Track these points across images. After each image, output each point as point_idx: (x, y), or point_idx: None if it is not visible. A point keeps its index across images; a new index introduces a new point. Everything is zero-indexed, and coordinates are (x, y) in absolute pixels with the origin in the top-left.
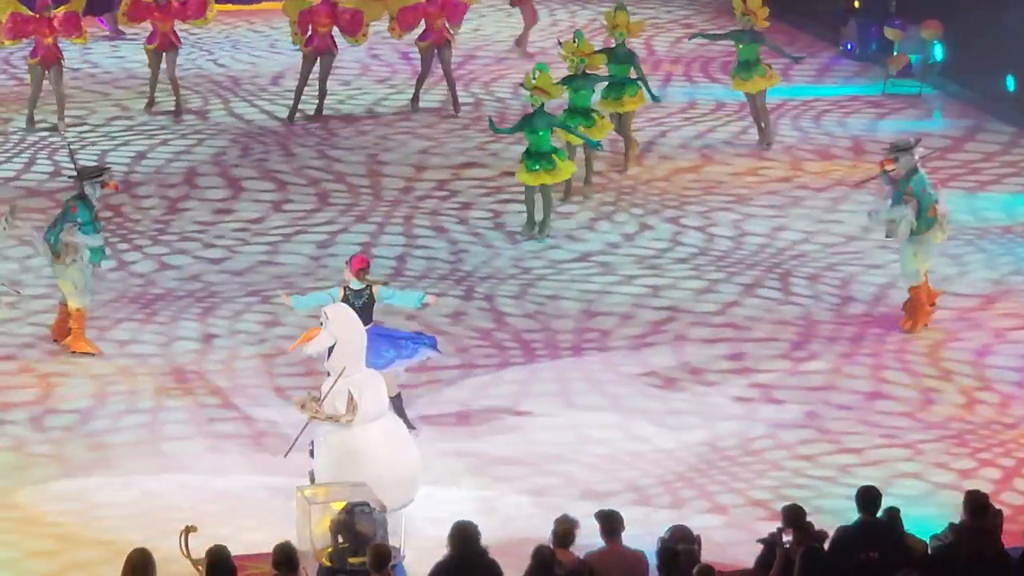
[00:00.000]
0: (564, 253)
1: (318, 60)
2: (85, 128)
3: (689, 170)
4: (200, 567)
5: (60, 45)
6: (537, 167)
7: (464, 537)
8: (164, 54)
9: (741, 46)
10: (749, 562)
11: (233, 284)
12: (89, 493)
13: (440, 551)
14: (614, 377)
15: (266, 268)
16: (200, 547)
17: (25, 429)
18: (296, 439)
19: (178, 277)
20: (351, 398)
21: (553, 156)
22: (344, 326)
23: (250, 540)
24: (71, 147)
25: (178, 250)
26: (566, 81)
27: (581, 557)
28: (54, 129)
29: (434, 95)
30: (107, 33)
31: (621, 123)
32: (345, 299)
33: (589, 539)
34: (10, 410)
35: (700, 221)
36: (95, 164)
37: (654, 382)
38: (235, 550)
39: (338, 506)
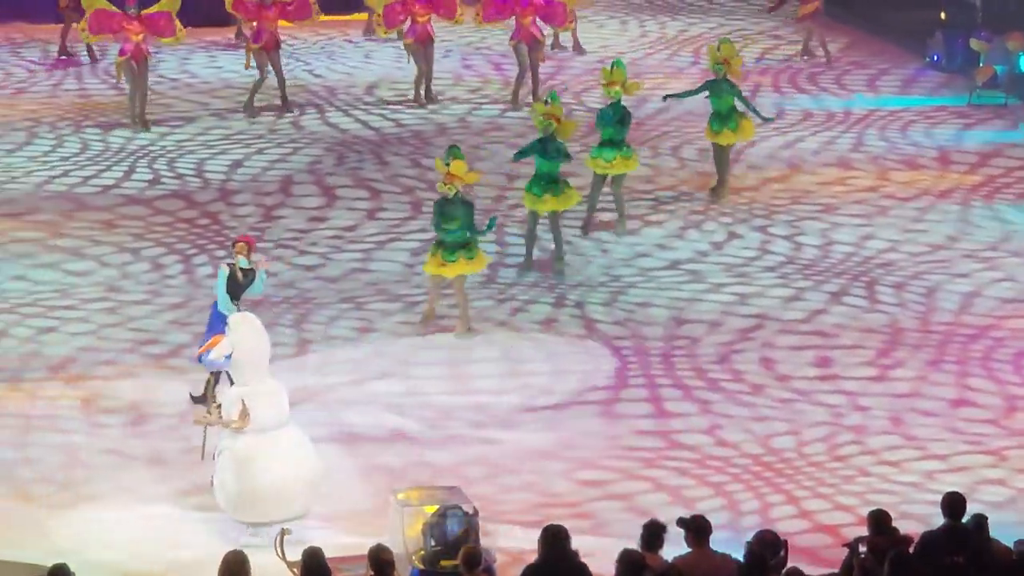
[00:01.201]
0: (654, 261)
1: (423, 50)
2: (183, 137)
3: (777, 180)
4: (295, 569)
5: (149, 45)
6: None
7: (555, 540)
8: (269, 53)
9: (714, 97)
10: (835, 567)
11: (327, 291)
12: (184, 496)
13: (530, 555)
14: (703, 383)
15: (360, 275)
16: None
17: (123, 432)
18: (203, 445)
19: (273, 284)
20: (244, 406)
21: (561, 182)
22: (243, 336)
23: (345, 543)
24: None
25: (273, 257)
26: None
27: (669, 561)
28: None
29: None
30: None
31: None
32: (232, 276)
33: (677, 544)
34: (110, 414)
35: (788, 230)
36: None
37: (742, 388)
38: (329, 553)
39: (430, 510)
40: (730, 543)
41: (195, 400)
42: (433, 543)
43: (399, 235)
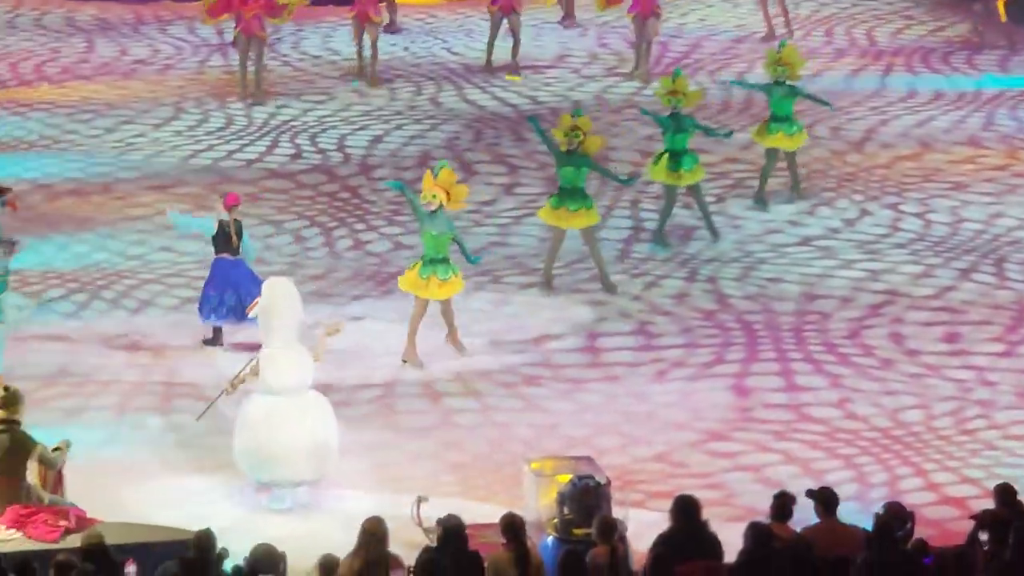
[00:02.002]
0: (786, 237)
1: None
2: (325, 112)
3: (908, 158)
4: (431, 535)
5: (264, 23)
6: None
7: (687, 510)
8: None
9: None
10: (961, 539)
11: (465, 264)
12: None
13: (662, 524)
14: (834, 358)
15: (497, 249)
16: (431, 516)
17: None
18: (208, 408)
19: (412, 257)
20: (256, 363)
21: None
22: (268, 299)
23: (479, 511)
24: None
25: (412, 231)
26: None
27: (798, 532)
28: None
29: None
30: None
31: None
32: (220, 229)
33: (806, 515)
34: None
35: (918, 207)
36: None
37: (872, 363)
38: (465, 520)
39: (563, 479)
40: (858, 515)
41: (205, 343)
42: (566, 512)
43: (535, 210)
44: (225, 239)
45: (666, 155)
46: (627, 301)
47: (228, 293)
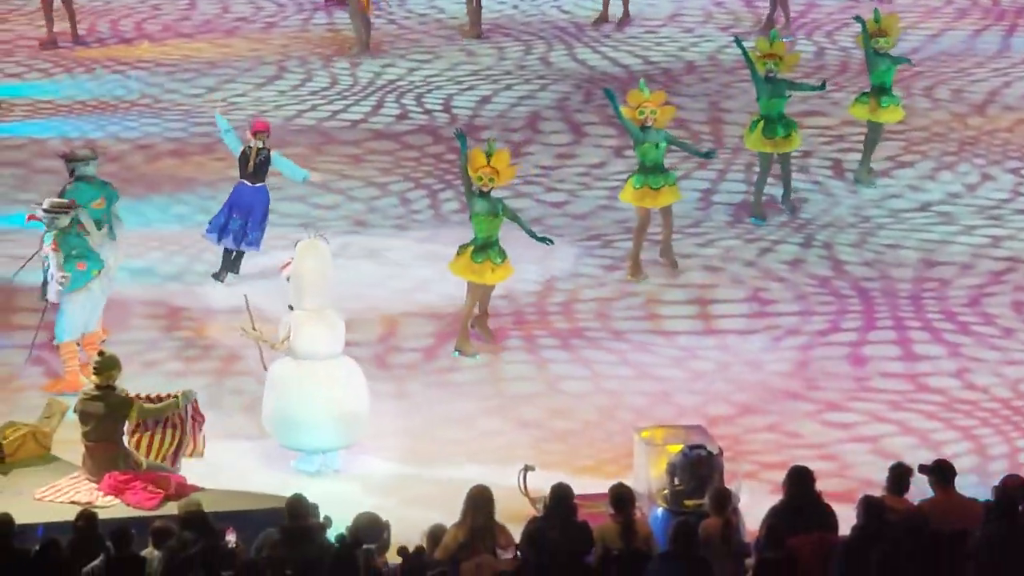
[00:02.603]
0: (905, 202)
1: None
2: (431, 72)
3: None
4: (538, 505)
5: None
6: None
7: (801, 481)
8: None
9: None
10: None
11: (574, 228)
12: (431, 430)
13: (775, 496)
14: (953, 327)
15: (607, 212)
16: (537, 487)
17: (369, 365)
18: (261, 358)
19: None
20: (288, 331)
21: (668, 174)
22: (300, 261)
23: (588, 481)
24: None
25: (520, 193)
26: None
27: (915, 505)
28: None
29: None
30: None
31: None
32: (244, 155)
33: (925, 488)
34: (356, 346)
35: None
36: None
37: (992, 332)
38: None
39: (674, 449)
40: (977, 487)
41: (214, 276)
42: (677, 483)
43: None
44: (244, 164)
45: (761, 121)
46: (741, 267)
47: (235, 217)
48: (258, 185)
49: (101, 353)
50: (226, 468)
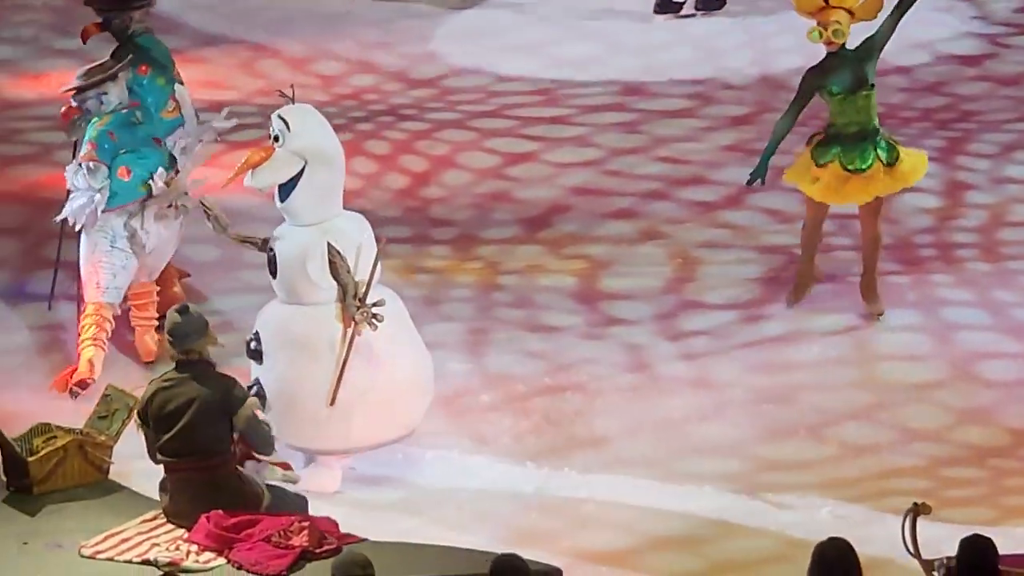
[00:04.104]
0: None
1: None
2: None
3: None
4: (937, 571)
5: None
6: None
7: None
8: None
9: None
10: None
11: None
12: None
13: None
14: None
15: None
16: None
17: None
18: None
19: None
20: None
21: (883, 144)
22: (313, 137)
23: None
24: None
25: None
26: None
27: None
28: None
29: None
30: None
31: None
32: None
33: None
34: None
35: None
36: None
37: None
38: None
39: None
40: None
41: None
42: None
43: None
44: None
45: None
46: None
47: None
48: None
49: (182, 310)
50: None
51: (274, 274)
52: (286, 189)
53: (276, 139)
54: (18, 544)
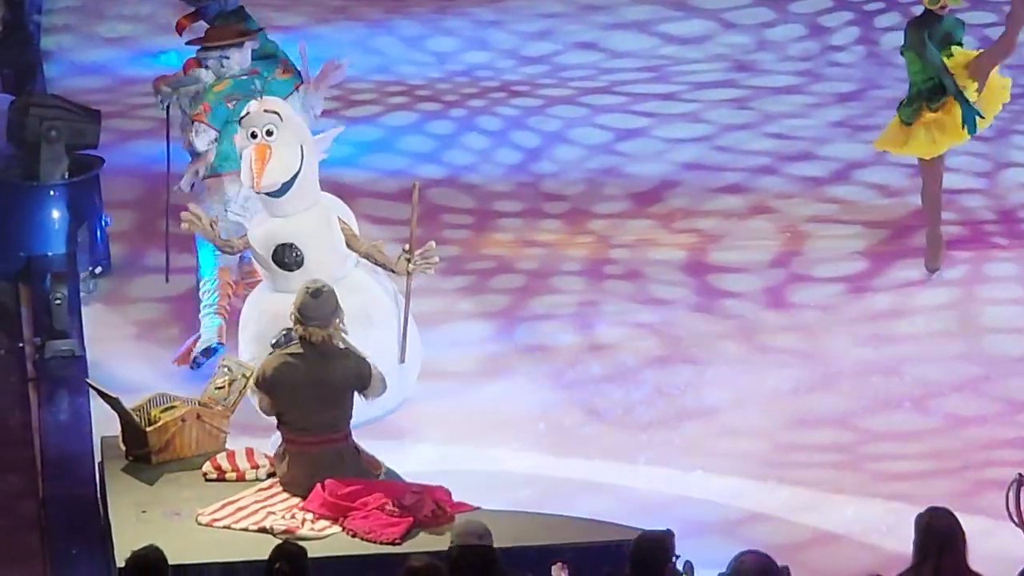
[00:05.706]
0: None
1: None
2: None
3: None
4: None
5: None
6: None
7: None
8: None
9: None
10: None
11: None
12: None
13: None
14: None
15: None
16: None
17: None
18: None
19: None
20: None
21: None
22: (298, 121)
23: None
24: None
25: None
26: None
27: None
28: None
29: None
30: None
31: None
32: None
33: None
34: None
35: None
36: None
37: None
38: None
39: None
40: None
41: None
42: None
43: None
44: None
45: None
46: None
47: None
48: None
49: (316, 292)
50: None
51: (295, 267)
52: (288, 180)
53: (269, 133)
54: (137, 512)
